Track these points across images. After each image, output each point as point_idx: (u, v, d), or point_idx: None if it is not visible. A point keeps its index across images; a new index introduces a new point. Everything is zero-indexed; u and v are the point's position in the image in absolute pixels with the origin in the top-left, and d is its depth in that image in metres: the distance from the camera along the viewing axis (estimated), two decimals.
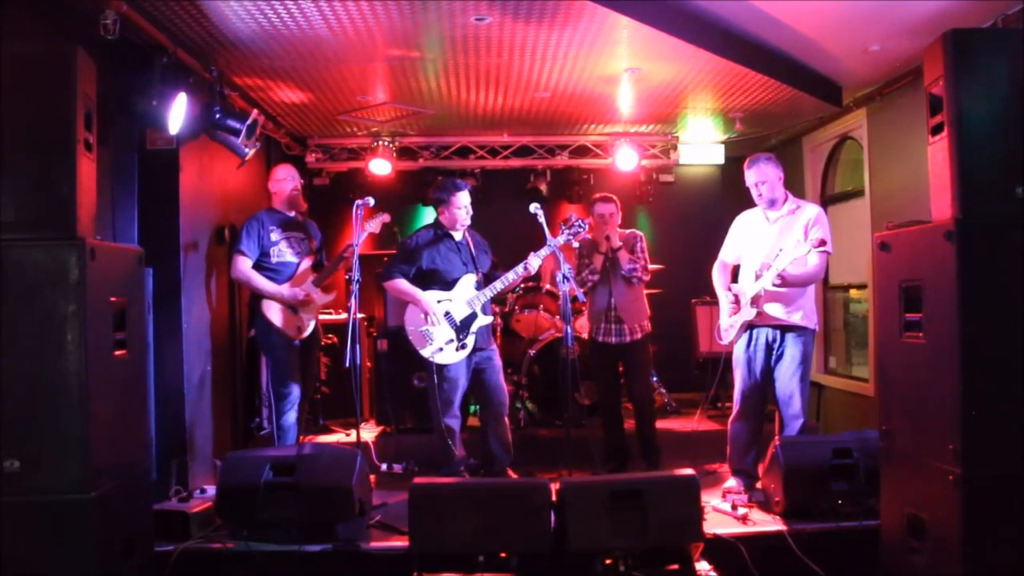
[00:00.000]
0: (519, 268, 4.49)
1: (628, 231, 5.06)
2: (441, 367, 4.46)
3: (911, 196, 4.76)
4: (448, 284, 4.53)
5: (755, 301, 4.21)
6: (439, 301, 4.48)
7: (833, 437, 4.78)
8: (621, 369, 5.19)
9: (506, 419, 4.69)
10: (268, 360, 4.97)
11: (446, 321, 4.45)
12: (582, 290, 5.12)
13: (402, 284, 4.52)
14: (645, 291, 5.19)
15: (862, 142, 5.79)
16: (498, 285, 4.52)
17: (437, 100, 5.59)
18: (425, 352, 4.44)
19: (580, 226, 4.61)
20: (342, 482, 3.69)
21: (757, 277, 4.21)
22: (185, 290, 4.61)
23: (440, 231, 4.63)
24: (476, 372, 4.59)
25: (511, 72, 4.95)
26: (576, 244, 4.80)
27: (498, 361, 4.69)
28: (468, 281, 4.56)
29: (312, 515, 3.67)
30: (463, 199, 4.58)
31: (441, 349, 4.44)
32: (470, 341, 4.49)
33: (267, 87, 5.15)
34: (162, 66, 3.94)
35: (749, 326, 4.30)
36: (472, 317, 4.50)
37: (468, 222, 4.65)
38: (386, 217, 4.91)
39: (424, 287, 4.51)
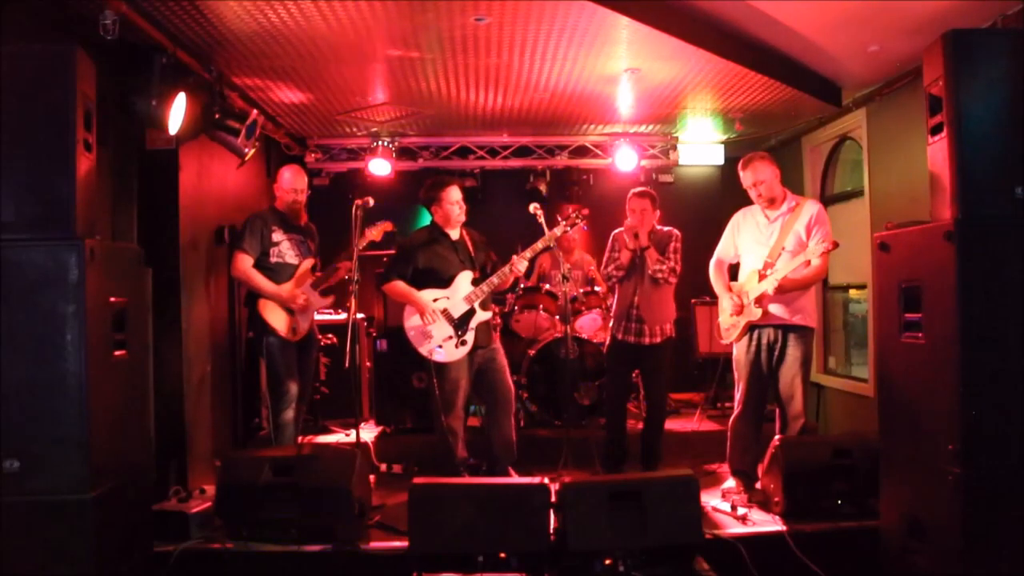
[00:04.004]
0: (506, 269, 4.50)
1: (667, 229, 4.91)
2: (441, 367, 4.46)
3: (911, 196, 4.76)
4: (444, 282, 4.53)
5: (759, 301, 4.20)
6: (435, 299, 4.48)
7: (833, 437, 4.80)
8: (636, 373, 5.17)
9: (512, 418, 4.67)
10: (263, 361, 4.95)
11: (443, 318, 4.45)
12: (607, 284, 5.11)
13: (399, 286, 4.53)
14: None
15: (861, 142, 5.79)
16: (495, 280, 4.52)
17: (437, 100, 5.59)
18: (424, 350, 4.44)
19: (577, 217, 4.62)
20: (341, 482, 3.69)
21: (762, 277, 4.21)
22: (185, 290, 4.61)
23: (436, 231, 4.63)
24: (479, 372, 4.58)
25: (511, 72, 4.95)
26: (575, 235, 4.78)
27: (503, 359, 4.67)
28: (465, 278, 4.55)
29: (311, 515, 3.67)
30: (453, 194, 4.57)
31: (441, 347, 4.44)
32: (470, 338, 4.48)
33: (267, 87, 5.15)
34: (162, 66, 3.94)
35: (751, 326, 4.30)
36: (470, 313, 4.50)
37: (463, 218, 4.64)
38: (389, 225, 4.87)
39: (421, 286, 4.51)
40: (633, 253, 4.82)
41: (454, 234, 4.64)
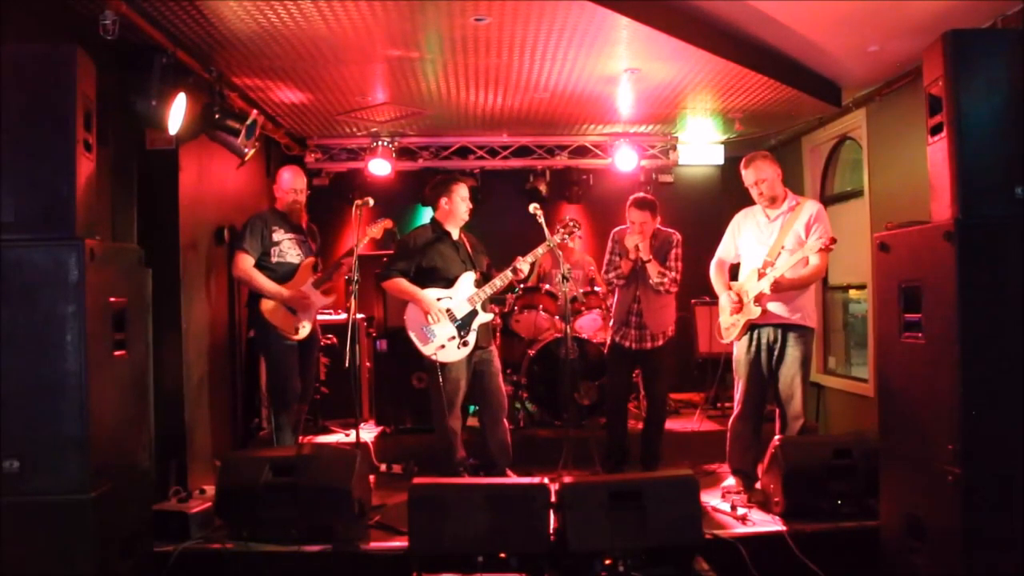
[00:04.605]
0: (508, 272, 4.49)
1: (667, 231, 4.88)
2: (444, 367, 4.44)
3: (911, 196, 4.76)
4: (448, 282, 4.52)
5: (759, 300, 4.20)
6: (439, 299, 4.47)
7: (833, 437, 4.80)
8: (636, 373, 5.17)
9: (504, 422, 4.66)
10: (266, 360, 4.97)
11: (447, 318, 4.44)
12: (605, 288, 5.13)
13: (402, 283, 4.51)
14: None
15: (861, 142, 5.79)
16: (497, 282, 4.51)
17: (436, 100, 5.59)
18: (427, 350, 4.43)
19: (575, 227, 4.62)
20: (341, 483, 3.69)
21: (761, 276, 4.21)
22: (185, 290, 4.61)
23: (438, 230, 4.61)
24: (475, 374, 4.57)
25: (511, 72, 4.95)
26: (572, 243, 4.77)
27: (497, 363, 4.66)
28: (468, 279, 4.54)
29: (311, 515, 3.67)
30: (464, 190, 4.58)
31: (443, 347, 4.42)
32: (472, 338, 4.47)
33: (266, 87, 5.15)
34: (161, 66, 3.95)
35: (751, 326, 4.30)
36: (473, 314, 4.49)
37: (466, 217, 4.62)
38: (389, 223, 4.88)
39: (423, 285, 4.50)
40: (634, 264, 4.82)
41: (454, 233, 4.63)
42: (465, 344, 4.46)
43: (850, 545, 3.68)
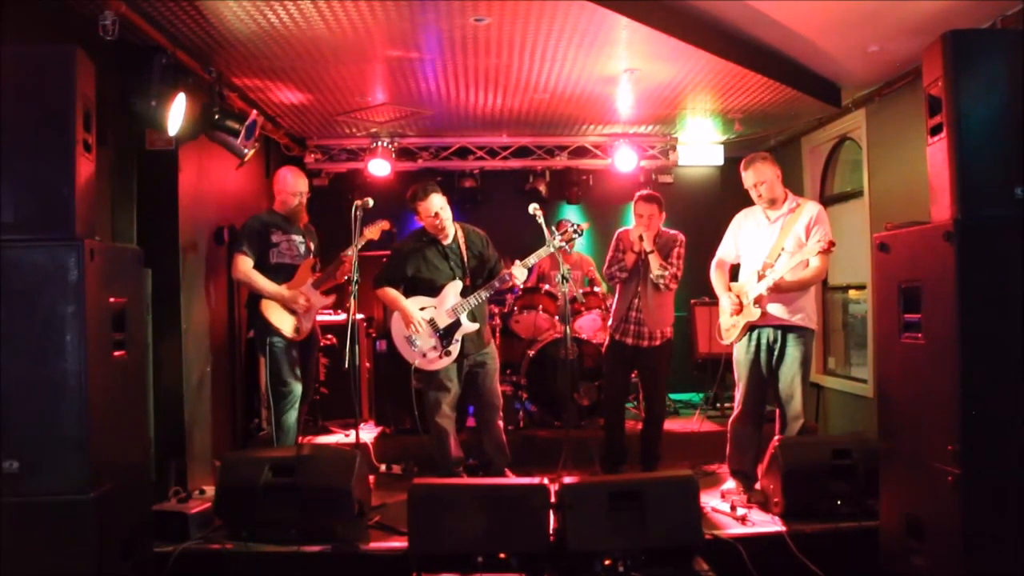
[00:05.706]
0: (495, 282, 4.48)
1: (671, 232, 4.90)
2: (428, 373, 4.47)
3: (910, 197, 4.76)
4: (433, 291, 4.51)
5: (758, 301, 4.20)
6: (422, 308, 4.47)
7: (833, 437, 4.80)
8: (634, 373, 5.18)
9: (499, 423, 4.66)
10: (266, 361, 4.96)
11: (428, 328, 4.44)
12: (608, 284, 5.12)
13: (389, 293, 4.52)
14: None
15: (861, 143, 5.79)
16: (483, 293, 4.50)
17: (436, 101, 5.59)
18: (408, 358, 4.46)
19: (575, 231, 4.58)
20: (341, 483, 3.69)
21: (761, 278, 4.21)
22: (184, 290, 4.61)
23: (426, 237, 4.57)
24: (470, 376, 4.57)
25: (510, 73, 4.95)
26: (571, 250, 4.75)
27: (493, 365, 4.64)
28: (453, 288, 4.51)
29: (311, 516, 3.67)
30: (430, 207, 4.42)
31: (424, 355, 4.44)
32: (454, 348, 4.46)
33: (266, 88, 5.15)
34: (161, 66, 3.95)
35: (751, 327, 4.30)
36: (455, 325, 4.46)
37: (443, 226, 4.48)
38: (386, 224, 4.87)
39: (411, 293, 4.51)
40: (637, 256, 4.82)
41: (448, 237, 4.56)
42: (447, 354, 4.46)
43: (850, 545, 3.67)
